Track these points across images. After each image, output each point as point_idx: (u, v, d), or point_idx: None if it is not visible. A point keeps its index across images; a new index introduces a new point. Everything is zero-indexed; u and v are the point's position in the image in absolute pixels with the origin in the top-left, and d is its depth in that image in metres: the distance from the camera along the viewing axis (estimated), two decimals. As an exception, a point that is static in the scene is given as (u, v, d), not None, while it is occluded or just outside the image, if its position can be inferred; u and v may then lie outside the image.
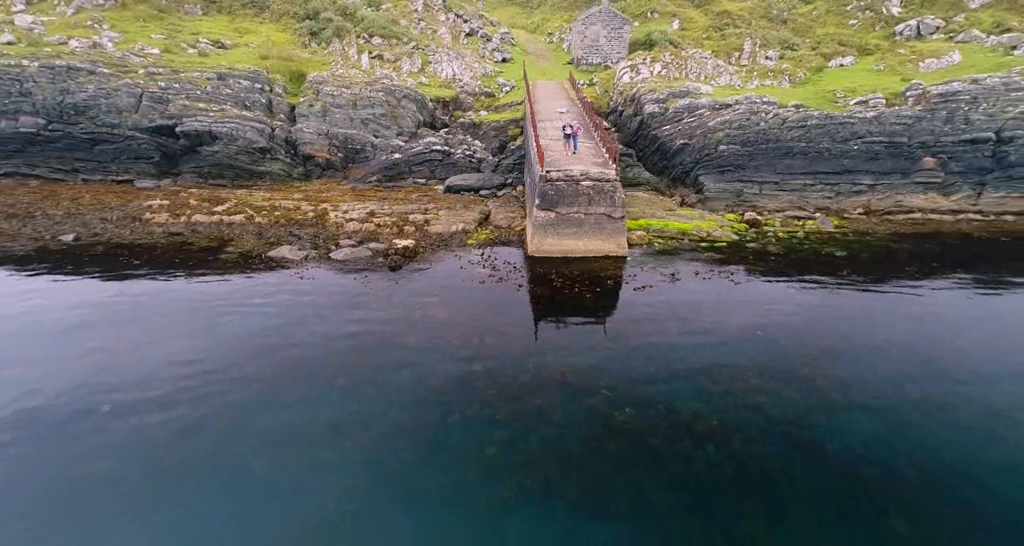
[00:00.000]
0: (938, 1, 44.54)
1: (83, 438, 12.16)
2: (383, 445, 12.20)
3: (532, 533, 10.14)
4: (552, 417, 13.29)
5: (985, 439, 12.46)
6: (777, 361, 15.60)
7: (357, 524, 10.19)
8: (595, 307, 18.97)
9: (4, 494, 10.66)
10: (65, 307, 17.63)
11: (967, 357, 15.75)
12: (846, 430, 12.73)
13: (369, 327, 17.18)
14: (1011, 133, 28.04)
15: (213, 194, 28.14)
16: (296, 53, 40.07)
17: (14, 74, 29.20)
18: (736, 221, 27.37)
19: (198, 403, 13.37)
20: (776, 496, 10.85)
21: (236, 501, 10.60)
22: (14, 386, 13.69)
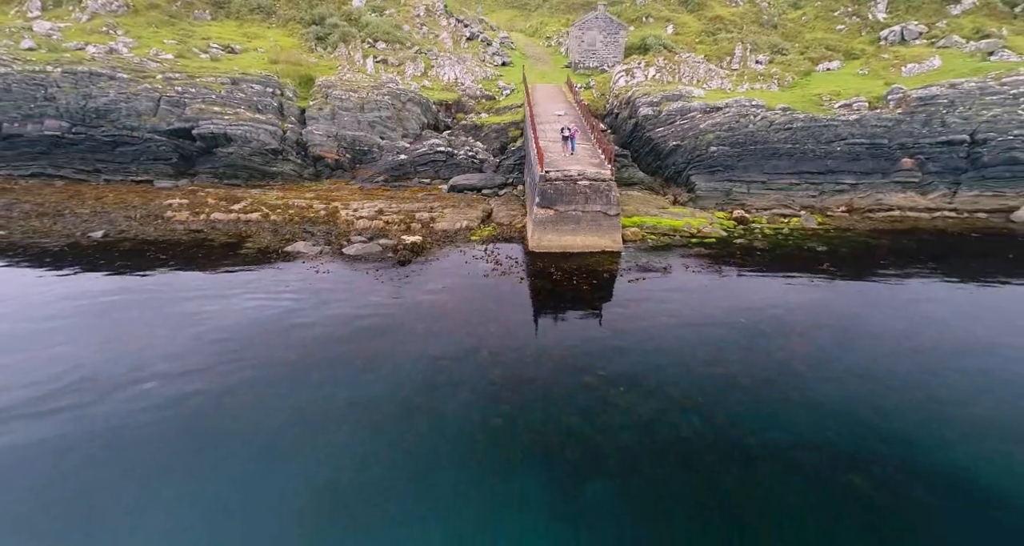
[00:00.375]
0: (922, 7, 45.99)
1: (130, 404, 13.57)
2: (399, 417, 13.57)
3: (535, 491, 11.51)
4: (552, 393, 14.69)
5: (929, 406, 13.94)
6: (757, 345, 17.01)
7: (377, 485, 11.54)
8: (592, 298, 20.37)
9: (66, 450, 12.02)
10: (104, 295, 19.00)
11: (929, 340, 17.19)
12: (815, 403, 14.16)
13: (382, 315, 18.55)
14: (984, 135, 29.50)
15: (229, 193, 29.50)
16: (304, 58, 41.38)
17: (39, 79, 30.52)
18: (725, 219, 28.76)
19: (230, 377, 14.78)
20: (751, 457, 12.27)
21: (266, 463, 11.98)
22: (68, 361, 15.08)
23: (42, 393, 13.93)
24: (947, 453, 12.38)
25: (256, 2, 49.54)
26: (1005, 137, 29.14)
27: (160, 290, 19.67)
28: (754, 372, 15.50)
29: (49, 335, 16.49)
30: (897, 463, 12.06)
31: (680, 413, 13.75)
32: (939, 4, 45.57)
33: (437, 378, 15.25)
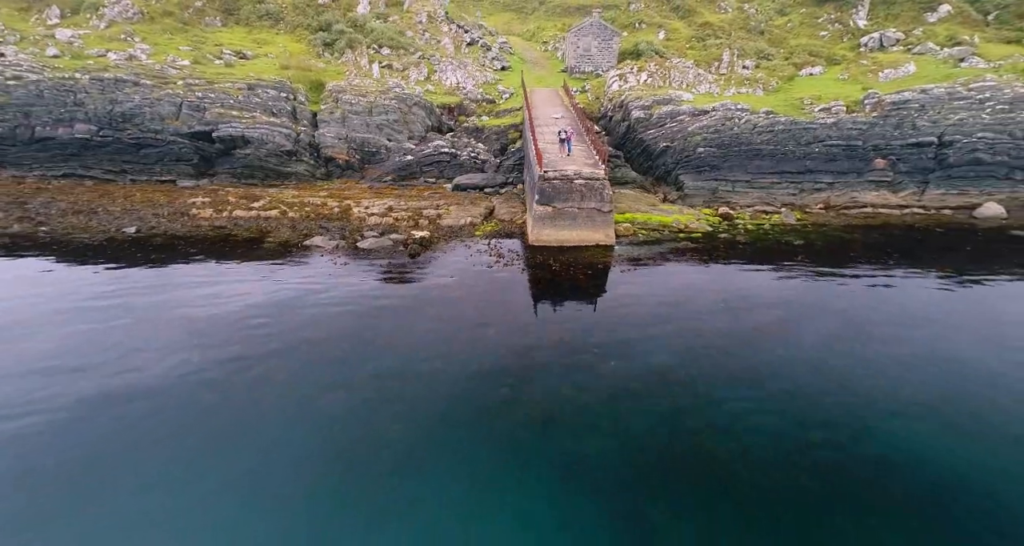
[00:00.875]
0: (900, 15, 48.06)
1: (177, 369, 15.48)
2: (417, 388, 15.43)
3: (537, 446, 13.41)
4: (551, 368, 16.61)
5: (882, 379, 15.97)
6: (736, 327, 18.98)
7: (400, 443, 13.37)
8: (587, 286, 22.31)
9: (131, 398, 13.91)
10: (145, 281, 20.89)
11: (890, 322, 19.20)
12: (786, 377, 16.12)
13: (397, 302, 20.45)
14: (950, 137, 31.54)
15: (248, 192, 31.35)
16: (313, 63, 43.19)
17: (69, 86, 32.29)
18: (711, 215, 30.73)
19: (269, 356, 16.64)
20: (727, 420, 14.23)
21: (299, 423, 13.88)
22: (129, 337, 16.95)
23: (111, 357, 15.84)
24: (867, 399, 14.44)
25: (264, 9, 51.27)
26: (970, 139, 31.19)
27: (194, 278, 21.54)
28: (733, 351, 17.44)
29: (106, 312, 18.37)
30: (855, 425, 14.07)
31: (666, 386, 15.68)
32: (916, 12, 47.65)
33: (451, 353, 17.16)
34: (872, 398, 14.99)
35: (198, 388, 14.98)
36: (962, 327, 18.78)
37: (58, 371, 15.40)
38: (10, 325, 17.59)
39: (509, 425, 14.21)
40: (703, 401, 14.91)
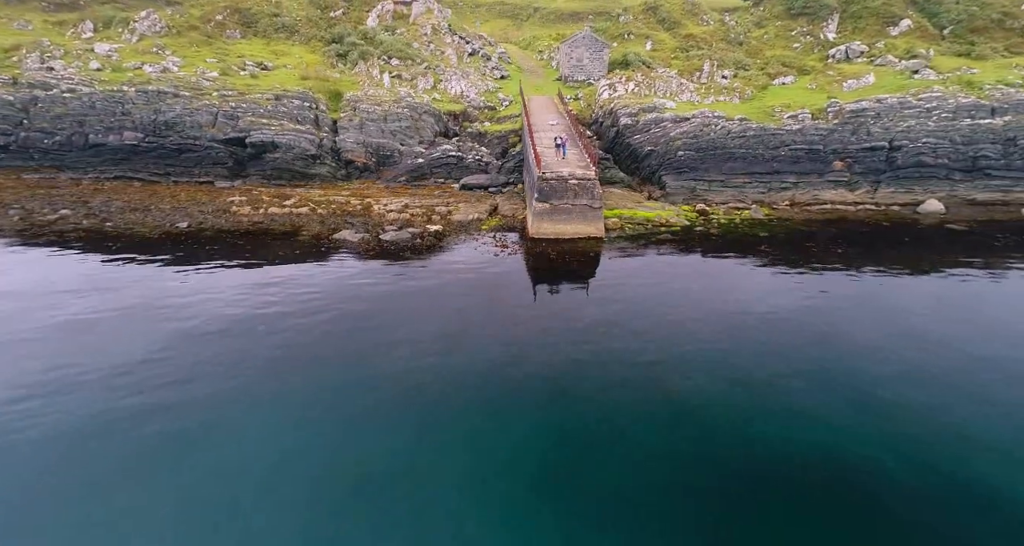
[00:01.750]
0: (866, 28, 51.97)
1: (250, 342, 19.09)
2: (440, 347, 18.99)
3: (538, 398, 16.97)
4: (550, 335, 20.27)
5: (828, 349, 19.79)
6: (704, 300, 22.74)
7: (424, 397, 16.88)
8: (580, 272, 26.02)
9: (209, 368, 17.52)
10: (207, 265, 24.45)
11: (835, 300, 23.02)
12: (739, 337, 19.87)
13: (421, 283, 24.08)
14: (899, 142, 35.41)
15: (279, 192, 34.90)
16: (329, 74, 46.69)
17: (117, 98, 35.72)
18: (689, 211, 34.47)
19: (320, 317, 20.27)
20: (684, 362, 17.97)
21: (349, 378, 17.49)
22: (201, 313, 20.52)
23: (198, 323, 19.43)
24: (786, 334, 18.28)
25: (280, 22, 54.67)
26: (915, 144, 35.07)
27: (247, 264, 25.12)
28: (702, 320, 21.16)
29: (184, 289, 21.96)
30: (810, 393, 17.87)
31: (643, 345, 19.41)
32: (880, 26, 51.58)
33: (469, 324, 20.79)
34: (784, 334, 18.83)
35: (264, 350, 18.59)
36: (878, 305, 22.68)
37: (190, 332, 19.00)
38: (131, 301, 21.18)
39: (514, 373, 17.79)
40: (668, 353, 18.67)
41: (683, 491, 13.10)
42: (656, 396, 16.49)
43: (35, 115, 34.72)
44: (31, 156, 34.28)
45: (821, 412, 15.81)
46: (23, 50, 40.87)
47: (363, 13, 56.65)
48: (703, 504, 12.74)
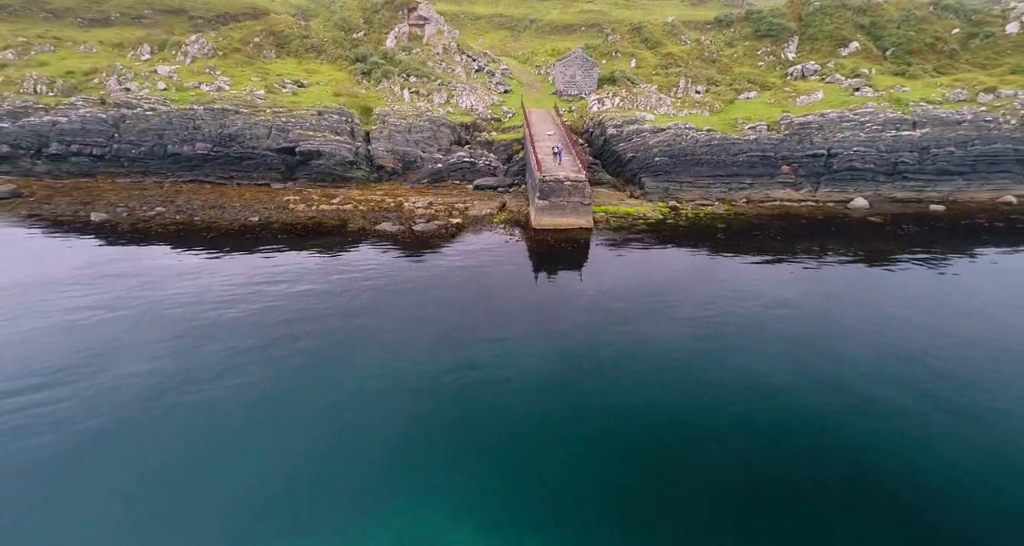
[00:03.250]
0: (820, 49, 58.72)
1: (354, 299, 25.66)
2: (462, 311, 25.44)
3: (547, 329, 23.69)
4: (551, 299, 26.94)
5: (750, 298, 26.54)
6: (673, 279, 29.33)
7: (456, 344, 23.64)
8: (574, 255, 32.61)
9: (255, 340, 24.07)
10: (283, 250, 30.98)
11: (770, 272, 29.75)
12: (693, 297, 26.57)
13: (449, 262, 30.64)
14: (836, 151, 42.15)
15: (326, 192, 41.40)
16: (357, 90, 53.11)
17: (190, 114, 42.13)
18: (663, 207, 41.07)
19: (380, 292, 26.82)
20: (657, 319, 24.66)
21: (378, 343, 24.13)
22: (302, 280, 27.07)
23: (305, 288, 25.98)
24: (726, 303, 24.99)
25: (310, 43, 60.96)
26: (849, 152, 41.84)
27: (314, 250, 31.66)
28: (665, 287, 27.85)
29: (276, 268, 28.51)
30: (703, 307, 24.61)
31: (620, 303, 26.09)
32: (833, 47, 58.32)
33: (490, 292, 27.36)
34: (723, 299, 25.58)
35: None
36: (801, 275, 29.47)
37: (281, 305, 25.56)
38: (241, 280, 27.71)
39: (520, 330, 24.43)
40: (639, 309, 25.36)
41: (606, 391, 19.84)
42: (629, 331, 23.22)
43: (124, 130, 41.10)
44: (122, 163, 40.67)
45: (745, 343, 22.57)
46: (103, 73, 47.19)
47: (382, 34, 63.03)
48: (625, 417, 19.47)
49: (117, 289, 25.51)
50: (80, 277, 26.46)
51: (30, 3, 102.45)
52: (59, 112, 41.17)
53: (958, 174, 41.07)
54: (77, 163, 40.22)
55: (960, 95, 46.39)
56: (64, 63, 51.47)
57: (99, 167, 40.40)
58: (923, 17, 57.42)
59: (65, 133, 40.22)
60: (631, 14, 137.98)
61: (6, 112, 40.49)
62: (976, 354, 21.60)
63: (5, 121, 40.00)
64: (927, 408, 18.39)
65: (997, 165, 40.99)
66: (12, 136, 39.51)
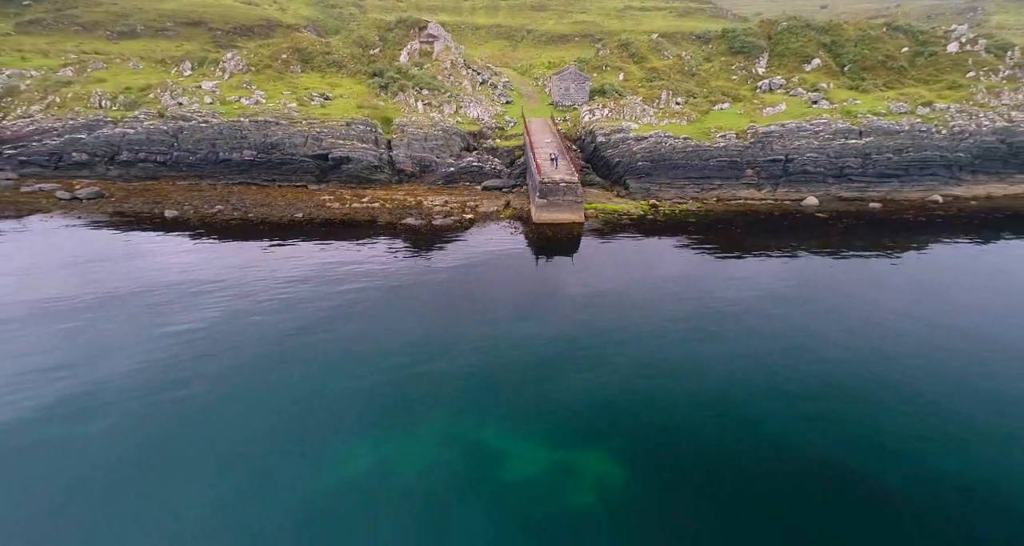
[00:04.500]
0: (786, 64, 64.91)
1: (393, 280, 31.74)
2: (481, 283, 31.64)
3: (540, 310, 29.81)
4: (548, 281, 33.09)
5: (712, 280, 32.78)
6: (650, 263, 35.50)
7: (469, 309, 29.76)
8: (568, 245, 38.69)
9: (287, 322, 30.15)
10: (326, 239, 37.00)
11: (728, 258, 35.97)
12: (665, 273, 32.75)
13: (466, 248, 36.69)
14: (792, 156, 48.36)
15: (355, 192, 47.37)
16: (376, 102, 59.00)
17: (237, 126, 48.03)
18: (645, 205, 47.15)
19: (404, 272, 32.87)
20: (643, 292, 30.85)
21: (420, 304, 30.23)
22: (347, 264, 33.09)
23: (351, 269, 32.00)
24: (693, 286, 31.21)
25: (331, 59, 66.80)
26: (802, 157, 48.07)
27: (352, 240, 37.68)
28: (644, 269, 34.02)
29: (319, 256, 34.53)
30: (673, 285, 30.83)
31: (606, 281, 32.25)
32: (797, 63, 64.52)
33: (496, 274, 33.45)
34: (686, 284, 31.78)
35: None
36: (752, 260, 35.71)
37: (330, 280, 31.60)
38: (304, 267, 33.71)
39: (520, 305, 30.55)
40: (620, 284, 31.53)
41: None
42: (611, 299, 29.42)
43: (182, 140, 47.02)
44: (181, 168, 46.59)
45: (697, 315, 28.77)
46: (157, 89, 53.06)
47: (396, 51, 68.98)
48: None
49: (214, 268, 31.57)
50: (175, 262, 32.51)
51: (62, 18, 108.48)
52: (126, 124, 47.10)
53: (894, 177, 47.36)
54: (143, 168, 46.15)
55: (902, 108, 52.70)
56: (118, 79, 57.30)
57: (162, 172, 46.33)
58: (877, 37, 63.66)
59: (133, 143, 46.16)
60: (622, 24, 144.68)
61: (82, 125, 46.42)
62: (892, 318, 27.78)
63: (82, 132, 45.93)
64: (846, 356, 24.58)
65: (927, 169, 47.31)
66: (89, 146, 45.45)
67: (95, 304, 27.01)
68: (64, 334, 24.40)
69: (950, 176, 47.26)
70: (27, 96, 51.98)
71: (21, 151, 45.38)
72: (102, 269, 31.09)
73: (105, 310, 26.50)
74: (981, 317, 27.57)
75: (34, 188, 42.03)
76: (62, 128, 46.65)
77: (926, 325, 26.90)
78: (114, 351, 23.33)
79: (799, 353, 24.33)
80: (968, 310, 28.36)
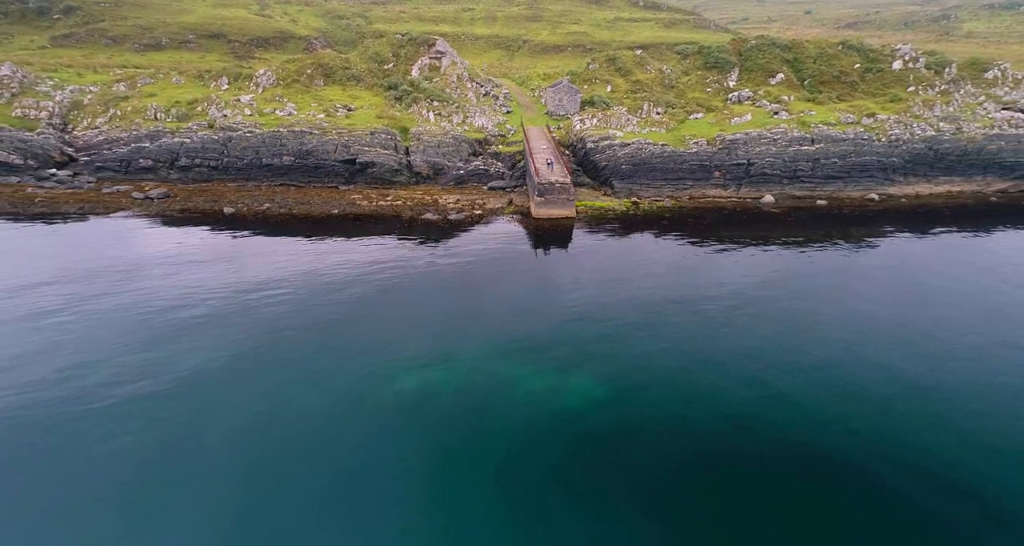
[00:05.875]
0: (754, 78, 71.97)
1: (425, 263, 38.65)
2: (486, 269, 38.58)
3: (540, 284, 36.83)
4: (545, 267, 40.09)
5: (683, 263, 39.94)
6: (630, 249, 42.55)
7: (487, 284, 36.74)
8: (562, 235, 45.68)
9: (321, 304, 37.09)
10: (359, 230, 43.85)
11: (696, 244, 43.08)
12: (641, 256, 39.80)
13: (478, 237, 43.61)
14: (754, 160, 55.46)
15: (380, 192, 54.15)
16: (393, 113, 65.72)
17: (277, 135, 54.69)
18: (627, 203, 54.13)
19: (428, 256, 39.79)
20: (625, 272, 37.92)
21: (442, 282, 37.21)
22: (363, 255, 39.98)
23: (387, 252, 38.87)
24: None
25: (351, 73, 73.39)
26: (762, 161, 55.17)
27: (383, 230, 44.51)
28: (624, 255, 41.05)
29: (357, 243, 41.39)
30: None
31: (593, 263, 39.28)
32: (764, 77, 71.60)
33: (503, 258, 40.39)
34: (652, 270, 38.86)
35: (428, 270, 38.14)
36: (716, 247, 42.84)
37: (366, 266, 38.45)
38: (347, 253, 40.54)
39: (521, 286, 37.53)
40: (607, 266, 38.58)
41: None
42: (598, 276, 36.47)
43: (231, 148, 53.69)
44: (230, 172, 53.26)
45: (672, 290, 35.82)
46: (203, 102, 59.66)
47: (408, 66, 75.73)
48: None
49: (276, 254, 38.41)
50: (246, 247, 39.33)
51: (93, 32, 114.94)
52: (183, 135, 53.77)
53: (839, 178, 54.55)
54: (199, 172, 52.83)
55: (850, 118, 59.91)
56: (166, 93, 63.86)
57: (215, 175, 53.01)
58: (833, 54, 70.84)
59: (190, 151, 52.85)
60: (612, 35, 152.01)
61: (145, 135, 53.06)
62: (825, 290, 34.88)
63: (145, 142, 52.57)
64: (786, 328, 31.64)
65: (866, 172, 54.52)
66: (153, 153, 52.12)
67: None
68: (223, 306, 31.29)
69: (885, 178, 54.49)
70: (91, 109, 58.50)
71: (95, 158, 51.99)
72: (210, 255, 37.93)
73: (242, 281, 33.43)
74: (894, 288, 34.77)
75: (113, 189, 48.63)
76: (128, 138, 53.25)
77: (849, 293, 34.08)
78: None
79: (736, 303, 31.46)
80: (884, 282, 35.59)
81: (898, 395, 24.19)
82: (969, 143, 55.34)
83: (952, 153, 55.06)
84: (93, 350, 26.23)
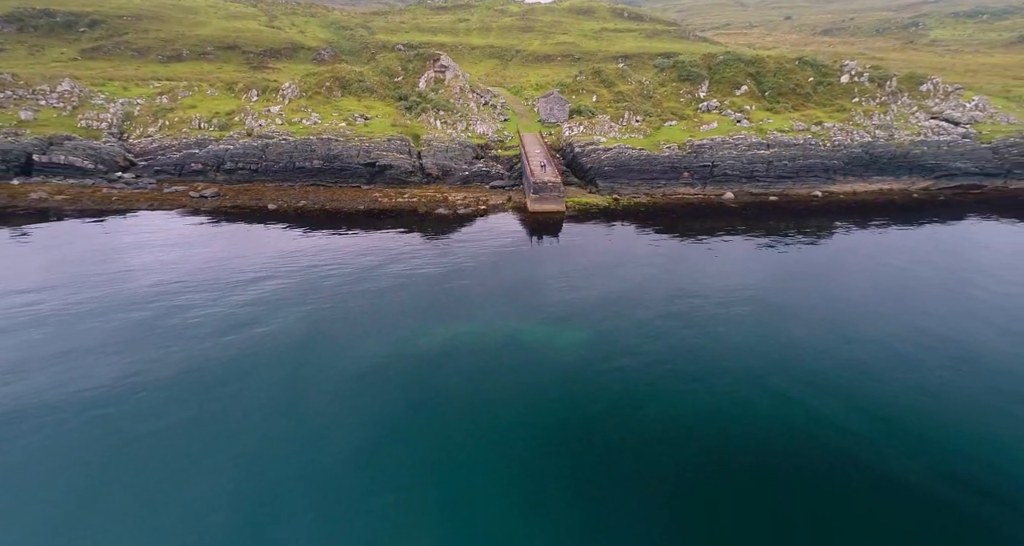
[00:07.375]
0: (722, 89, 79.82)
1: (450, 250, 46.22)
2: (492, 252, 46.22)
3: (540, 267, 44.51)
4: (540, 251, 47.78)
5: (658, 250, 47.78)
6: (613, 238, 50.31)
7: (495, 263, 44.39)
8: (554, 227, 53.35)
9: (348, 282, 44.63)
10: (383, 223, 51.30)
11: (665, 234, 50.89)
12: (620, 243, 47.57)
13: (482, 229, 51.20)
14: (717, 163, 63.31)
15: (397, 191, 61.48)
16: (404, 121, 73.07)
17: (308, 143, 61.84)
18: (610, 199, 61.78)
19: (443, 243, 47.34)
20: (609, 257, 45.69)
21: (456, 264, 44.82)
22: (388, 243, 47.51)
23: (412, 238, 46.35)
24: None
25: (365, 85, 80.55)
26: (724, 163, 63.07)
27: (403, 222, 51.98)
28: (605, 242, 48.81)
29: (383, 234, 48.87)
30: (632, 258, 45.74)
31: (580, 249, 47.02)
32: (730, 89, 79.46)
33: (502, 248, 48.00)
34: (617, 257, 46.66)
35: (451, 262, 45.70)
36: (679, 236, 50.72)
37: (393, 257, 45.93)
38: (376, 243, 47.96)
39: (520, 272, 45.16)
40: (591, 252, 46.32)
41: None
42: (584, 260, 44.21)
43: (268, 153, 60.86)
44: (268, 174, 60.43)
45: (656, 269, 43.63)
46: (240, 113, 66.75)
47: (416, 78, 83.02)
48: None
49: (320, 239, 45.82)
50: (295, 235, 46.73)
51: (119, 44, 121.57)
52: (226, 142, 60.90)
53: (789, 178, 62.59)
54: (241, 174, 59.99)
55: (801, 126, 67.97)
56: (204, 104, 70.84)
57: (255, 177, 60.21)
58: (790, 68, 78.85)
59: (233, 156, 59.99)
60: (598, 45, 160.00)
61: (194, 142, 60.17)
62: (771, 268, 42.72)
63: (194, 148, 59.69)
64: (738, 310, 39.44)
65: (811, 172, 62.60)
66: (202, 158, 59.25)
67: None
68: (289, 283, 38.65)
69: (828, 177, 62.58)
70: (141, 120, 65.42)
71: (152, 162, 59.00)
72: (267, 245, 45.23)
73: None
74: (828, 269, 42.78)
75: (172, 189, 55.71)
76: (179, 145, 60.29)
77: (789, 273, 42.02)
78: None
79: (698, 277, 39.32)
80: (822, 264, 43.61)
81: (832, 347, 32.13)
82: (898, 148, 63.58)
83: (884, 156, 63.28)
84: (211, 301, 33.95)
